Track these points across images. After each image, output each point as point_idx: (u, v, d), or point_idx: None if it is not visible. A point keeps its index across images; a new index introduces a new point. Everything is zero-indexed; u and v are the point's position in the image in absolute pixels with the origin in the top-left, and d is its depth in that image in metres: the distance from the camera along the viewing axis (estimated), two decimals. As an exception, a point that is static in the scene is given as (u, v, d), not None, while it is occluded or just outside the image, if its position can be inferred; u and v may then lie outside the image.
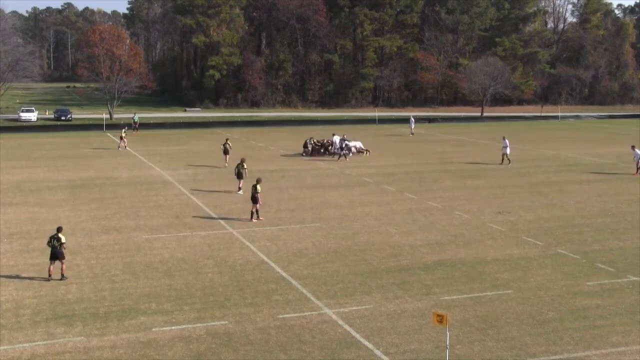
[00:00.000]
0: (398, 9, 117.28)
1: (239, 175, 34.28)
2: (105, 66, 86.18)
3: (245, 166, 34.54)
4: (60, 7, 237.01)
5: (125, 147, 53.17)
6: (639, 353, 15.30)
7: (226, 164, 42.80)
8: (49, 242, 20.35)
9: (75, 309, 17.72)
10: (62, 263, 20.12)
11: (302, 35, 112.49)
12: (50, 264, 20.07)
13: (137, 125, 69.01)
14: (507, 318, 17.26)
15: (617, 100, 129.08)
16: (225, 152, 44.23)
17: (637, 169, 40.42)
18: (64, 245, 20.19)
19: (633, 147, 42.03)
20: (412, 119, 69.71)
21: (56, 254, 20.02)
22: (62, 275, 20.09)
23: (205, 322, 16.93)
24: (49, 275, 20.03)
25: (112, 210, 29.78)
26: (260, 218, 27.82)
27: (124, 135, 54.10)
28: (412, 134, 66.83)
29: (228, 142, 45.54)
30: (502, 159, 45.19)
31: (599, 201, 32.48)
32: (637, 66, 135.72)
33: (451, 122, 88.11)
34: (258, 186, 27.69)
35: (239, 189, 34.01)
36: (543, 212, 29.83)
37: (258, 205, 27.83)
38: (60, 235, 20.23)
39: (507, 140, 45.72)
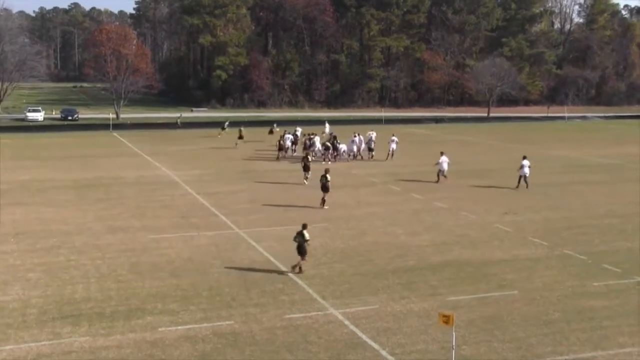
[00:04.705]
0: (405, 9, 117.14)
1: (324, 188, 30.62)
2: (112, 66, 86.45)
3: (329, 178, 30.72)
4: (67, 7, 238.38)
5: (236, 145, 53.93)
6: (645, 354, 15.28)
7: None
8: (295, 238, 20.77)
9: (82, 309, 17.75)
10: (303, 259, 20.60)
11: (308, 35, 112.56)
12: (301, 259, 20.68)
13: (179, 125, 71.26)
14: (513, 319, 17.24)
15: (624, 100, 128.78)
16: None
17: (439, 177, 37.80)
18: (308, 242, 20.59)
19: (442, 152, 38.58)
20: (327, 124, 63.37)
21: (299, 250, 20.55)
22: (299, 269, 20.59)
23: (212, 322, 16.95)
24: (300, 270, 20.59)
25: (119, 210, 29.84)
26: None
27: (242, 131, 55.68)
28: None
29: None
30: (388, 155, 47.34)
31: (606, 202, 32.39)
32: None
33: (458, 122, 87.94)
34: None
35: (324, 202, 30.43)
36: (549, 213, 29.77)
37: None
38: (304, 232, 20.60)
39: (394, 137, 48.29)
